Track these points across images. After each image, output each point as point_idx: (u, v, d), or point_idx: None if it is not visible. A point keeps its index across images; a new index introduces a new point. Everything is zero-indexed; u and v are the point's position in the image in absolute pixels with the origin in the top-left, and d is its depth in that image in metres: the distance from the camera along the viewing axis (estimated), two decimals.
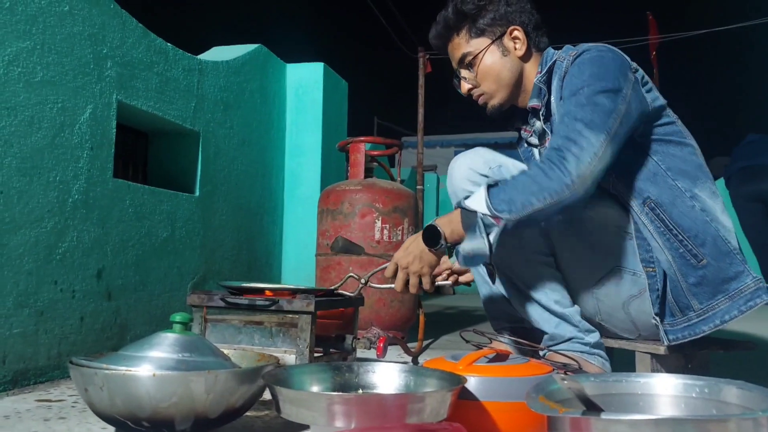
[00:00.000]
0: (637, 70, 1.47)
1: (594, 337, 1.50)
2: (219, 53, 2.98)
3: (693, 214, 1.46)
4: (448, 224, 1.40)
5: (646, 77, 1.50)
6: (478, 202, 1.34)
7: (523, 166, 1.56)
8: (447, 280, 1.80)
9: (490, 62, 1.59)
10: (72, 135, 1.78)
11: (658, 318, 1.45)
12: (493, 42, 1.58)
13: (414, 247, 1.44)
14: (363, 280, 1.76)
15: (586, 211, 1.45)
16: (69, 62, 1.77)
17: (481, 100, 1.65)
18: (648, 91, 1.48)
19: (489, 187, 1.35)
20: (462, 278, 1.79)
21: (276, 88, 3.31)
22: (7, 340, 1.54)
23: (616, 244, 1.47)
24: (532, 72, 1.61)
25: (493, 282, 1.65)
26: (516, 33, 1.58)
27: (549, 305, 1.50)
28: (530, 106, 1.60)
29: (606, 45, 1.49)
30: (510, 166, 1.55)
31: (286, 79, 3.44)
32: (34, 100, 1.64)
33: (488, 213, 1.32)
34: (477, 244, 1.33)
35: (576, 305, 1.52)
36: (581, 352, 1.48)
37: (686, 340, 1.44)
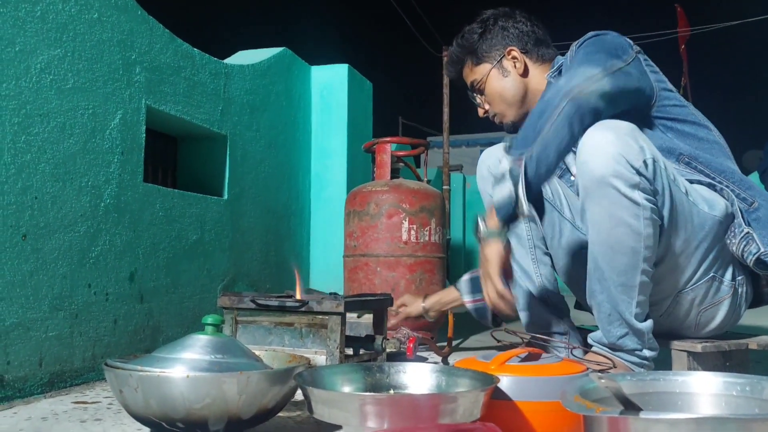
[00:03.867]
0: (640, 52, 1.50)
1: (653, 353, 1.40)
2: (244, 57, 3.00)
3: (725, 164, 1.47)
4: (491, 212, 1.37)
5: (650, 61, 1.52)
6: (503, 163, 1.34)
7: (670, 167, 1.42)
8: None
9: (494, 85, 1.71)
10: (103, 140, 1.81)
11: (748, 229, 1.38)
12: (493, 66, 1.70)
13: (483, 253, 1.40)
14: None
15: (705, 211, 1.39)
16: (99, 69, 1.79)
17: (496, 120, 1.76)
18: (653, 72, 1.50)
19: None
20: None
21: (301, 90, 3.33)
22: (43, 343, 1.57)
23: (726, 253, 1.42)
24: (539, 83, 1.69)
25: (498, 324, 1.76)
26: (513, 53, 1.69)
27: (628, 318, 1.36)
28: None
29: (609, 31, 1.53)
30: (661, 162, 1.36)
31: (311, 81, 3.45)
32: (65, 107, 1.67)
33: (511, 160, 1.31)
34: (503, 190, 1.31)
35: (650, 319, 1.39)
36: (632, 363, 1.39)
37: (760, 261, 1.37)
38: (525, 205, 1.29)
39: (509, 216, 1.34)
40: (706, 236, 1.39)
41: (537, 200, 1.69)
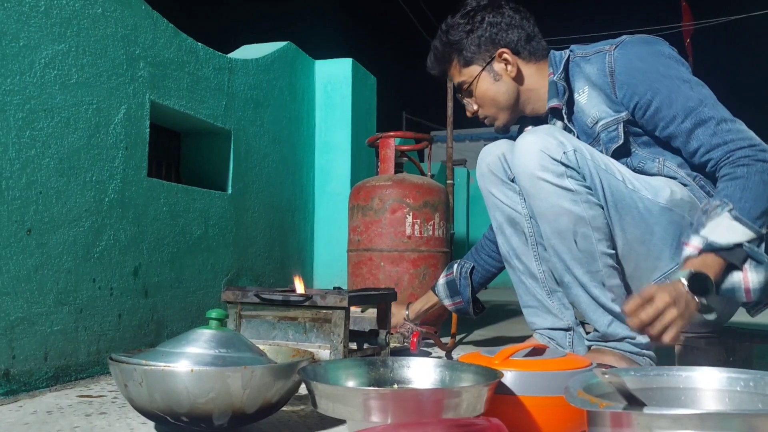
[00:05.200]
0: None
1: (646, 337, 1.40)
2: (248, 51, 3.00)
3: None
4: (710, 269, 1.22)
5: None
6: (735, 234, 1.22)
7: (594, 152, 1.46)
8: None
9: (484, 89, 1.62)
10: (107, 135, 1.81)
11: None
12: (483, 69, 1.60)
13: (674, 290, 1.19)
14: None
15: (648, 197, 1.41)
16: (103, 64, 1.79)
17: (487, 122, 1.69)
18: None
19: (731, 212, 1.24)
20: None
21: (305, 85, 3.33)
22: (48, 338, 1.58)
23: (679, 233, 1.43)
24: (535, 82, 1.61)
25: (477, 315, 1.86)
26: (505, 56, 1.59)
27: (605, 303, 1.42)
28: (550, 107, 1.58)
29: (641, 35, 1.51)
30: (584, 151, 1.43)
31: (314, 75, 3.45)
32: (70, 102, 1.67)
33: (755, 236, 1.22)
34: (765, 272, 1.23)
35: None
36: (630, 352, 1.43)
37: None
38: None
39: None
40: (657, 222, 1.40)
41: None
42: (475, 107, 1.67)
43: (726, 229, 1.22)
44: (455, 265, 1.97)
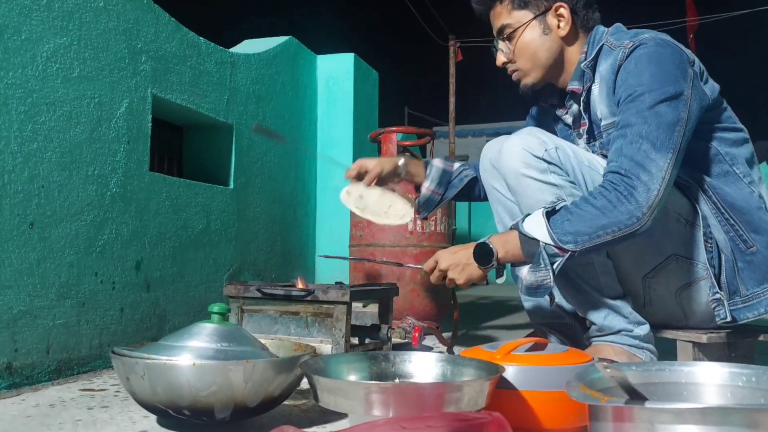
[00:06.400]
0: (694, 63, 1.41)
1: (644, 329, 1.44)
2: (250, 46, 3.00)
3: (749, 200, 1.43)
4: (503, 245, 1.37)
5: (702, 67, 1.44)
6: (540, 231, 1.30)
7: (578, 149, 1.47)
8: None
9: (528, 39, 1.51)
10: (109, 129, 1.81)
11: (720, 294, 1.41)
12: (535, 17, 1.49)
13: (462, 255, 1.43)
14: None
15: None
16: (105, 57, 1.79)
17: (514, 76, 1.58)
18: (705, 83, 1.43)
19: (549, 214, 1.31)
20: None
21: (307, 79, 3.32)
22: (50, 331, 1.58)
23: (674, 230, 1.43)
24: (575, 53, 1.53)
25: (552, 304, 1.68)
26: (561, 10, 1.49)
27: (598, 295, 1.43)
28: (570, 89, 1.54)
29: (663, 36, 1.42)
30: (566, 148, 1.45)
31: (316, 70, 3.44)
32: (72, 96, 1.67)
33: (552, 243, 1.28)
34: (542, 275, 1.30)
35: (627, 295, 1.46)
36: (629, 345, 1.43)
37: (729, 323, 1.41)
38: (551, 287, 1.33)
39: (534, 294, 1.36)
40: None
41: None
42: (506, 59, 1.56)
43: (536, 221, 1.31)
44: (457, 164, 1.81)
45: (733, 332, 1.47)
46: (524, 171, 1.42)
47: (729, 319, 1.41)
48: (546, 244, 1.29)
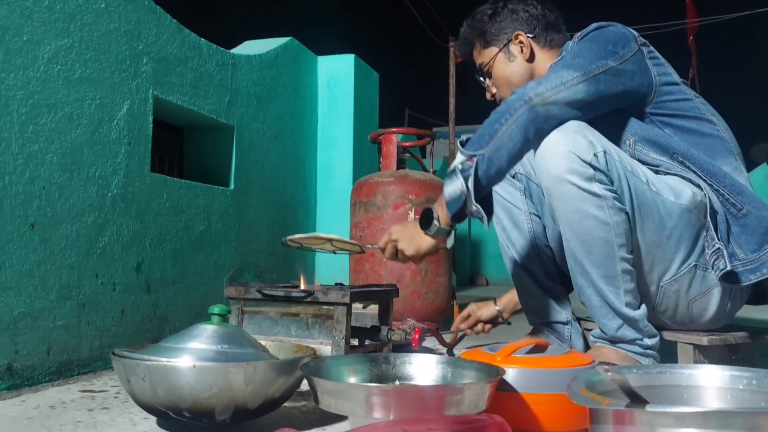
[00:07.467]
0: (645, 44, 1.48)
1: (654, 340, 1.41)
2: (251, 47, 3.00)
3: (722, 168, 1.45)
4: (440, 203, 1.43)
5: (656, 53, 1.51)
6: (457, 159, 1.38)
7: (621, 152, 1.42)
8: (471, 329, 1.99)
9: (500, 69, 1.69)
10: (110, 131, 1.81)
11: (719, 244, 1.38)
12: (500, 50, 1.68)
13: (411, 226, 1.52)
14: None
15: (670, 200, 1.39)
16: (106, 59, 1.79)
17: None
18: (657, 65, 1.48)
19: (463, 143, 1.40)
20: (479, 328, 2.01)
21: (308, 81, 3.32)
22: (51, 332, 1.58)
23: (693, 235, 1.40)
24: (545, 69, 1.61)
25: (487, 227, 1.64)
26: (521, 38, 1.66)
27: (618, 308, 1.38)
28: None
29: (614, 23, 1.51)
30: (613, 152, 1.38)
31: (317, 71, 3.45)
32: (73, 97, 1.67)
33: (464, 157, 1.35)
34: (455, 186, 1.36)
35: (644, 305, 1.42)
36: (635, 353, 1.41)
37: (731, 282, 1.39)
38: (473, 204, 1.35)
39: (457, 213, 1.39)
40: (676, 225, 1.39)
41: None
42: (494, 90, 1.74)
43: (456, 158, 1.39)
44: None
45: (733, 334, 1.47)
46: (568, 177, 1.34)
47: (729, 268, 1.36)
48: (460, 163, 1.35)
